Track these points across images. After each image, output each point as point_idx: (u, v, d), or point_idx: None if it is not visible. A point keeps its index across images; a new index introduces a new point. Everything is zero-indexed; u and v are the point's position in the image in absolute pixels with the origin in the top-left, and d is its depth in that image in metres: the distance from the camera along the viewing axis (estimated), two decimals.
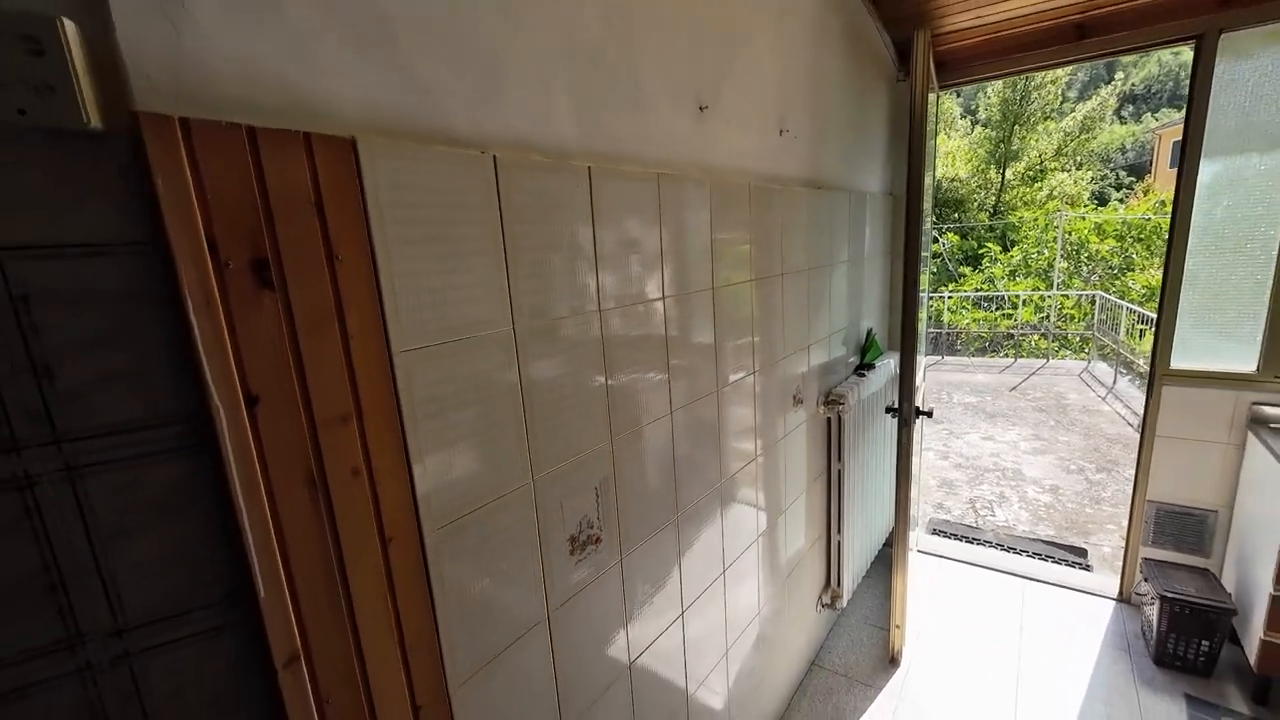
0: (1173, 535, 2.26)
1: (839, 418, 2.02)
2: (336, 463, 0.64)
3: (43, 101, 0.44)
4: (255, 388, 0.57)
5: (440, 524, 0.76)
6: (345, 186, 0.63)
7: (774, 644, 1.84)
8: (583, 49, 0.94)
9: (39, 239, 0.47)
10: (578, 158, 0.95)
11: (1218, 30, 1.91)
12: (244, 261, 0.55)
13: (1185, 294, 2.12)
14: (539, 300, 0.88)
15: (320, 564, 0.63)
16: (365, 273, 0.65)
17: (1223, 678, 1.98)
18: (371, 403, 0.67)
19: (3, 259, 0.46)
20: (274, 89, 0.58)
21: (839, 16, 1.87)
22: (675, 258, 1.19)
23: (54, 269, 0.48)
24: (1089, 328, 8.69)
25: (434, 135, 0.74)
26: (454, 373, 0.76)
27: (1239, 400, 2.08)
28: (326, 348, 0.62)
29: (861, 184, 2.26)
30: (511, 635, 0.89)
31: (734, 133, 1.38)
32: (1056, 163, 17.18)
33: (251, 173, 0.55)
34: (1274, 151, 1.92)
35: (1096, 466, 4.29)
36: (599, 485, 1.04)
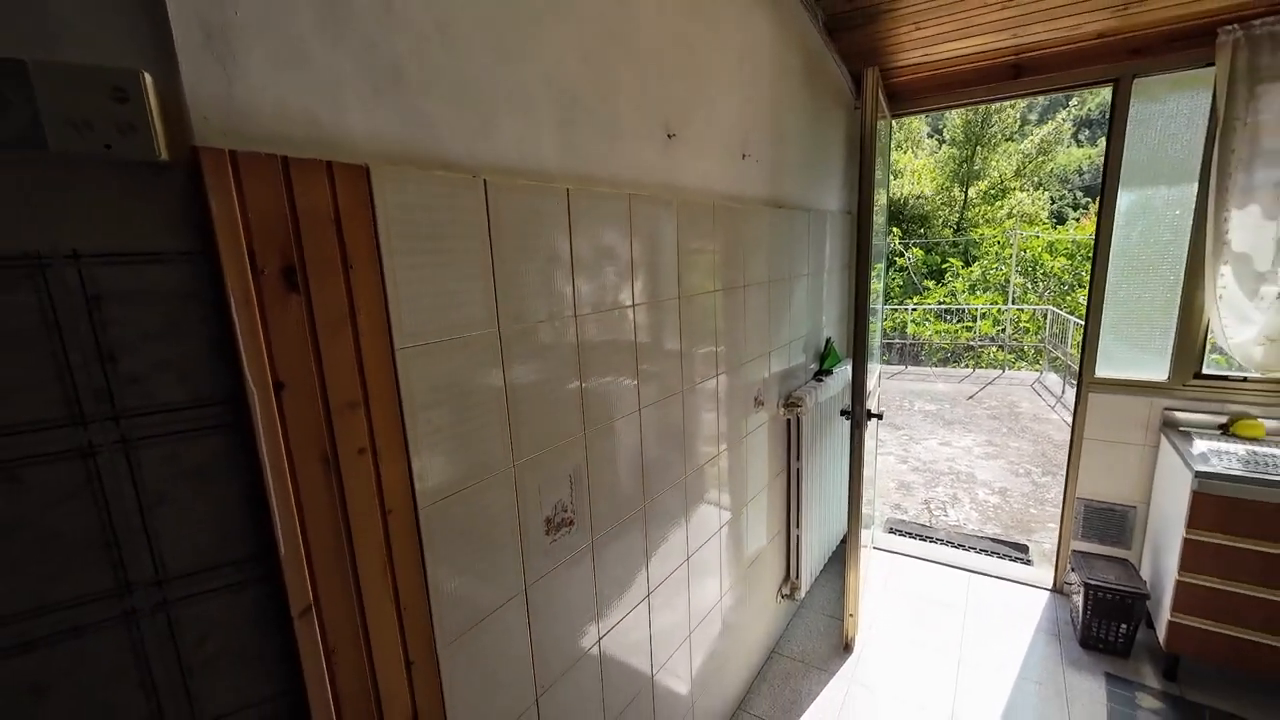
0: (1098, 529, 2.47)
1: (798, 419, 2.17)
2: (346, 443, 0.74)
3: (125, 138, 0.54)
4: (282, 376, 0.67)
5: (432, 500, 0.87)
6: (359, 206, 0.74)
7: (736, 631, 1.97)
8: (564, 86, 1.07)
9: (112, 249, 0.57)
10: (558, 180, 1.07)
11: (1131, 75, 2.15)
12: (276, 269, 0.66)
13: (1108, 310, 2.35)
14: (522, 305, 1.00)
15: (331, 530, 0.73)
16: (374, 279, 0.76)
17: (1139, 657, 2.19)
18: (377, 392, 0.77)
19: (84, 265, 0.56)
20: (304, 124, 0.69)
21: (800, 53, 2.04)
22: (645, 269, 1.32)
23: (121, 274, 0.58)
24: (1042, 341, 9.14)
25: (434, 162, 0.85)
26: (446, 368, 0.87)
27: (1153, 406, 2.30)
28: (341, 343, 0.73)
29: (821, 203, 2.43)
30: (493, 604, 0.99)
31: (699, 157, 1.52)
32: (1016, 182, 17.96)
33: (284, 195, 0.66)
34: (1179, 184, 2.15)
35: (1042, 470, 4.56)
36: (572, 473, 1.15)
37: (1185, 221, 2.16)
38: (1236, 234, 2.03)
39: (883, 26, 2.14)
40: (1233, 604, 1.87)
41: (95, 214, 0.56)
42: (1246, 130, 1.96)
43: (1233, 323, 2.08)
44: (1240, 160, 1.98)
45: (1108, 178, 2.25)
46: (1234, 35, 1.92)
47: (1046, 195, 18.76)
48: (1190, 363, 2.23)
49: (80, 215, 0.56)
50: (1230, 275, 2.06)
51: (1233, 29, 1.92)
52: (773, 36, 1.84)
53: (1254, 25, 1.89)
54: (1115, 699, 2.00)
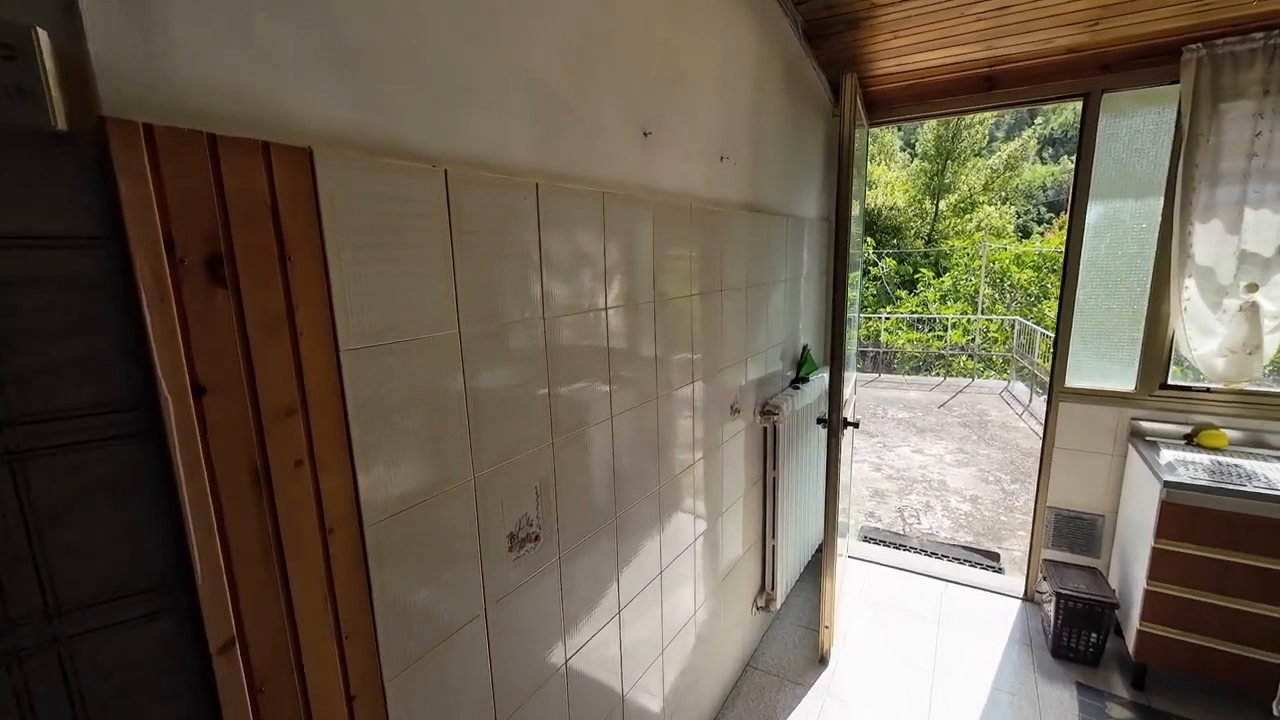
0: (1068, 538, 2.49)
1: (774, 427, 2.14)
2: (280, 454, 0.67)
3: (12, 102, 0.47)
4: (204, 379, 0.59)
5: (381, 516, 0.80)
6: (300, 193, 0.67)
7: (710, 644, 1.91)
8: (539, 80, 1.01)
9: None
10: (528, 175, 1.01)
11: (1100, 90, 2.18)
12: (199, 259, 0.58)
13: (1077, 321, 2.38)
14: (486, 306, 0.93)
15: (260, 552, 0.66)
16: (316, 274, 0.69)
17: (1108, 666, 2.20)
18: (318, 397, 0.70)
19: None
20: (241, 102, 0.62)
21: (779, 58, 2.02)
22: (619, 271, 1.26)
23: (11, 258, 0.50)
24: (1009, 350, 9.37)
25: (393, 150, 0.79)
26: (400, 371, 0.80)
27: (1121, 415, 2.33)
28: (276, 343, 0.65)
29: (799, 209, 2.42)
30: (448, 629, 0.92)
31: (677, 158, 1.47)
32: (984, 196, 18.48)
33: (211, 177, 0.59)
34: (1145, 198, 2.20)
35: (1011, 478, 4.63)
36: (539, 485, 1.09)
37: (1151, 235, 2.20)
38: (1200, 248, 2.07)
39: (861, 34, 2.13)
40: (1198, 613, 1.89)
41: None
42: (1210, 147, 2.00)
43: (1196, 334, 2.12)
44: (1204, 176, 2.03)
45: (1078, 190, 2.28)
46: (1198, 54, 1.97)
47: (1013, 209, 19.34)
48: (1156, 373, 2.27)
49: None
50: (1194, 288, 2.10)
51: (1197, 48, 1.97)
52: (754, 41, 1.82)
53: (1216, 45, 1.94)
54: (1086, 709, 2.00)
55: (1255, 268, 2.01)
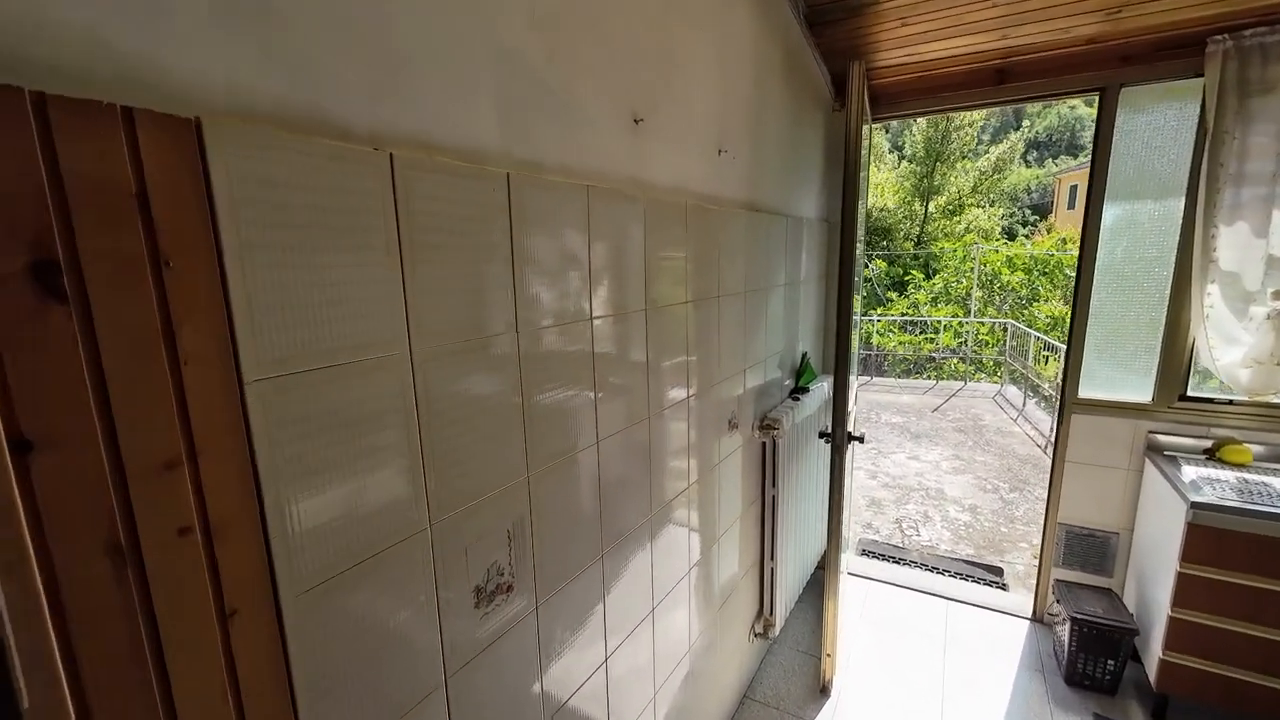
0: (1080, 556, 2.37)
1: (774, 442, 1.99)
2: (155, 521, 0.50)
3: None
4: (29, 430, 0.43)
5: (306, 587, 0.63)
6: (182, 177, 0.51)
7: (706, 679, 1.76)
8: (506, 52, 0.86)
9: None
10: (497, 163, 0.86)
11: (1119, 84, 2.06)
12: (20, 265, 0.42)
13: (1091, 328, 2.25)
14: (444, 319, 0.78)
15: (125, 654, 0.49)
16: (208, 283, 0.53)
17: (1126, 695, 2.08)
18: (212, 443, 0.54)
19: None
20: (89, 51, 0.46)
21: (779, 46, 1.88)
22: (606, 275, 1.11)
23: None
24: (1001, 353, 9.32)
25: (321, 127, 0.62)
26: (330, 403, 0.64)
27: (1137, 429, 2.21)
28: (147, 375, 0.49)
29: (798, 209, 2.28)
30: (400, 707, 0.76)
31: (671, 149, 1.32)
32: (973, 199, 18.52)
33: (35, 152, 0.42)
34: (1165, 199, 2.08)
35: (1010, 486, 4.53)
36: (512, 527, 0.93)
37: (1172, 238, 2.08)
38: (1224, 252, 1.95)
39: (867, 21, 2.00)
40: (1227, 642, 1.77)
41: None
42: (1235, 145, 1.89)
43: (1219, 344, 2.00)
44: (1229, 175, 1.91)
45: (1093, 191, 2.16)
46: (1224, 45, 1.85)
47: (1000, 211, 19.42)
48: (1175, 384, 2.15)
49: None
50: (1217, 294, 1.99)
51: (1223, 39, 1.85)
52: (754, 26, 1.67)
53: (1244, 36, 1.82)
54: None
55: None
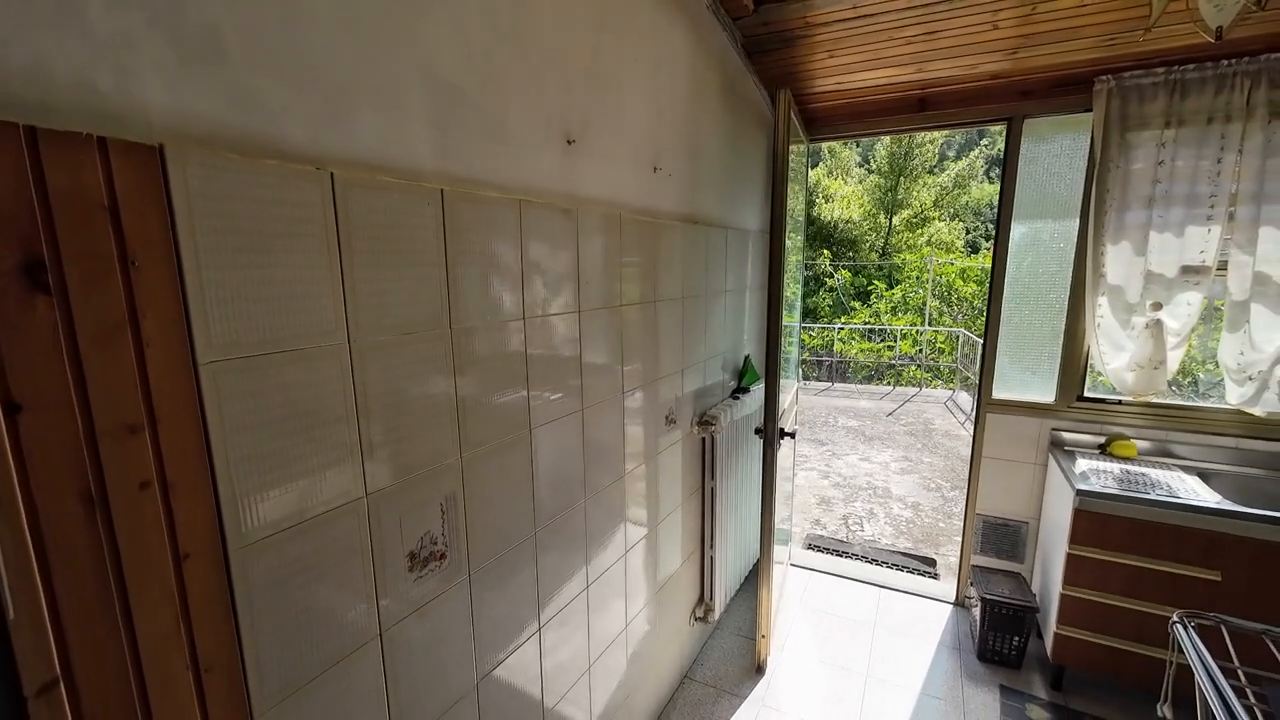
0: (995, 544, 2.58)
1: (712, 438, 2.14)
2: (120, 475, 0.61)
3: None
4: (19, 395, 0.54)
5: (251, 539, 0.74)
6: (148, 193, 0.62)
7: (645, 659, 1.89)
8: (442, 79, 0.98)
9: None
10: (432, 180, 0.98)
11: (1022, 116, 2.29)
12: (13, 264, 0.53)
13: (1003, 335, 2.47)
14: (382, 316, 0.89)
15: (93, 582, 0.60)
16: (167, 280, 0.64)
17: (1029, 668, 2.28)
18: (169, 413, 0.65)
19: None
20: (74, 92, 0.57)
21: (717, 70, 2.04)
22: (540, 279, 1.24)
23: None
24: (955, 361, 9.73)
25: (269, 150, 0.74)
26: (275, 385, 0.76)
27: (1043, 426, 2.44)
28: (114, 355, 0.60)
29: (741, 222, 2.44)
30: (335, 654, 0.87)
31: (605, 167, 1.46)
32: (935, 212, 19.22)
33: (27, 174, 0.53)
34: (1063, 219, 2.31)
35: (951, 485, 4.79)
36: (445, 501, 1.05)
37: (1069, 254, 2.31)
38: (1111, 267, 2.19)
39: (798, 52, 2.18)
40: (1110, 616, 1.98)
41: None
42: (1119, 173, 2.12)
43: (1109, 349, 2.24)
44: (1114, 200, 2.14)
45: (1003, 211, 2.38)
46: (1108, 85, 2.09)
47: (961, 226, 20.19)
48: (1074, 386, 2.38)
49: None
50: (1106, 305, 2.22)
51: (1107, 79, 2.08)
52: (689, 52, 1.83)
53: (1124, 77, 2.06)
54: (1007, 711, 2.07)
55: (1159, 287, 2.13)
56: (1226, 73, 1.94)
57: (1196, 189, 2.04)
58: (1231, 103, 1.95)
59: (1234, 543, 1.79)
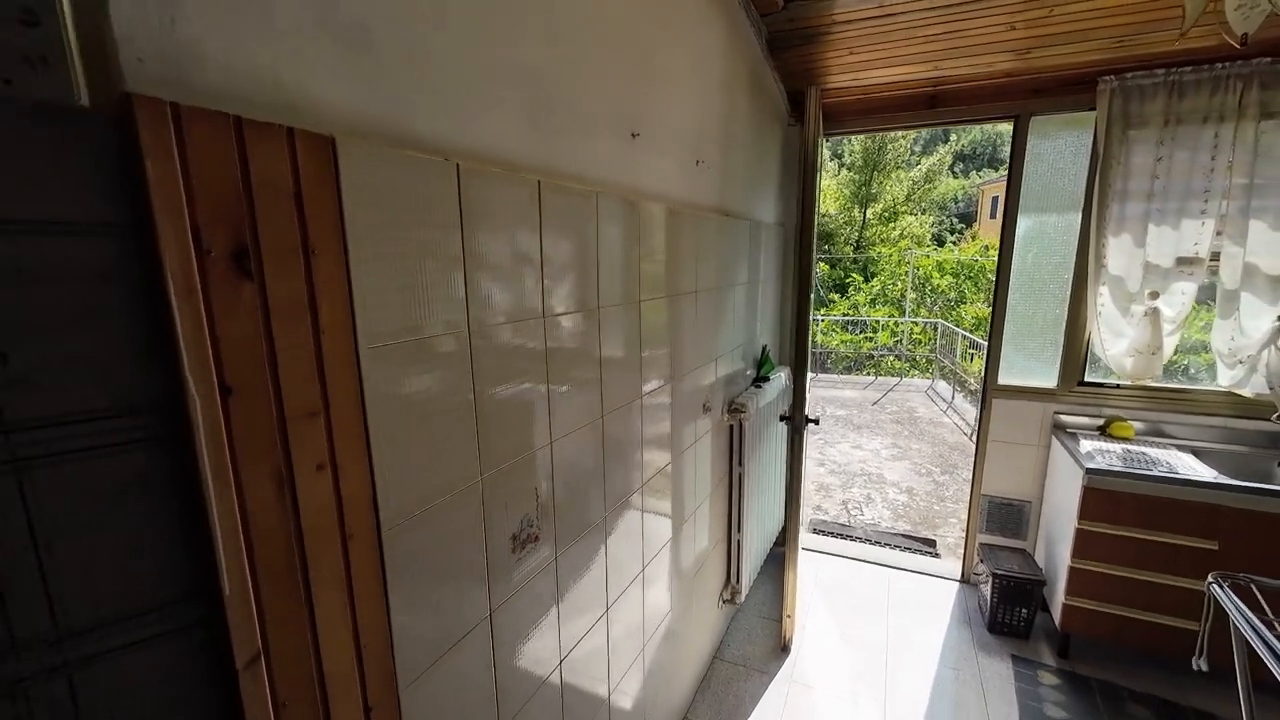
0: (999, 523, 2.71)
1: (740, 425, 2.20)
2: (303, 457, 0.63)
3: (33, 73, 0.42)
4: (230, 379, 0.56)
5: (396, 521, 0.77)
6: (323, 182, 0.64)
7: (683, 640, 1.95)
8: (532, 69, 1.00)
9: (5, 214, 0.44)
10: (526, 171, 1.00)
11: (1030, 113, 2.39)
12: (225, 250, 0.55)
13: (1008, 324, 2.59)
14: (490, 305, 0.92)
15: (284, 561, 0.62)
16: (339, 269, 0.66)
17: (1037, 638, 2.41)
18: (338, 397, 0.67)
19: None
20: (262, 83, 0.58)
21: (745, 65, 2.08)
22: (609, 271, 1.27)
23: (13, 244, 0.45)
24: (933, 351, 10.03)
25: (402, 140, 0.76)
26: (412, 371, 0.78)
27: (1045, 410, 2.56)
28: (300, 341, 0.62)
29: (759, 214, 2.50)
30: (458, 633, 0.90)
31: (659, 159, 1.49)
32: (906, 207, 19.67)
33: (236, 162, 0.55)
34: (1066, 213, 2.43)
35: (941, 470, 4.97)
36: (538, 485, 1.08)
37: (1071, 246, 2.44)
38: (1112, 258, 2.31)
39: (819, 49, 2.23)
40: (1116, 586, 2.11)
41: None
42: (1121, 168, 2.24)
43: (1109, 336, 2.37)
44: (1116, 194, 2.26)
45: (1009, 205, 2.49)
46: (1111, 85, 2.20)
47: (930, 219, 20.72)
48: (1075, 371, 2.51)
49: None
50: (1107, 295, 2.34)
51: (1110, 79, 2.19)
52: (725, 47, 1.87)
53: (1127, 78, 2.17)
54: (1021, 679, 2.19)
55: (1157, 277, 2.27)
56: (1221, 75, 2.06)
57: (1192, 184, 2.17)
58: (1225, 103, 2.08)
59: (1230, 514, 1.93)
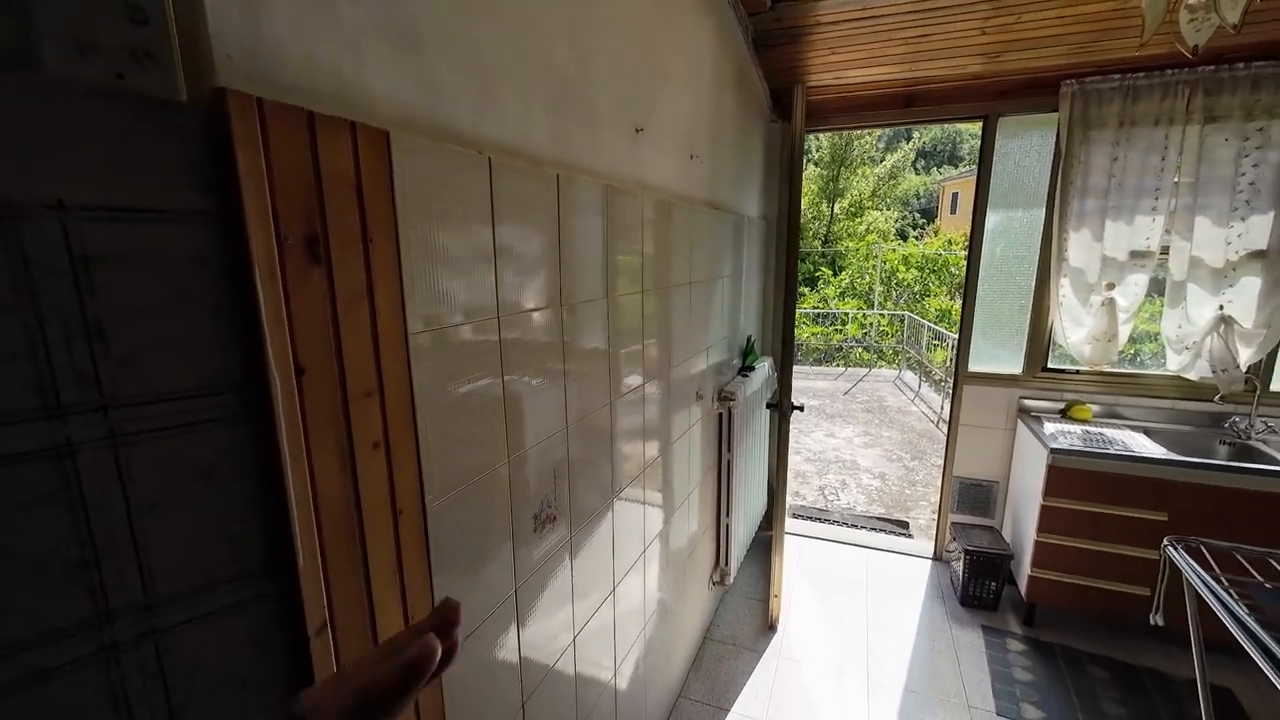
0: (969, 503, 2.86)
1: (729, 412, 2.27)
2: (362, 435, 0.66)
3: (141, 68, 0.45)
4: (303, 360, 0.59)
5: (438, 498, 0.80)
6: (379, 174, 0.67)
7: (677, 620, 2.02)
8: (553, 65, 1.04)
9: (109, 201, 0.47)
10: (547, 165, 1.04)
11: (998, 114, 2.52)
12: (299, 237, 0.57)
13: (977, 314, 2.73)
14: (516, 295, 0.95)
15: (346, 534, 0.65)
16: (392, 255, 0.69)
17: (1005, 609, 2.57)
18: (391, 380, 0.70)
19: (71, 218, 0.45)
20: (330, 79, 0.61)
21: (733, 62, 2.14)
22: (618, 262, 1.31)
23: (119, 232, 0.48)
24: (899, 342, 10.35)
25: (444, 135, 0.79)
26: (451, 355, 0.81)
27: (1012, 396, 2.72)
28: (359, 325, 0.65)
29: (745, 208, 2.57)
30: (489, 608, 0.94)
31: (659, 154, 1.54)
32: (872, 202, 20.16)
33: (310, 155, 0.58)
34: (1031, 208, 2.57)
35: (911, 455, 5.17)
36: (556, 468, 1.12)
37: (1035, 240, 2.58)
38: (1073, 252, 2.46)
39: (804, 48, 2.31)
40: (1078, 557, 2.27)
41: (89, 158, 0.46)
42: (1081, 167, 2.39)
43: (1069, 325, 2.52)
44: (1076, 191, 2.41)
45: (979, 201, 2.62)
46: (1072, 88, 2.34)
47: (894, 214, 21.29)
48: (1039, 358, 2.67)
49: (70, 157, 0.45)
50: (1068, 286, 2.50)
51: (1072, 83, 2.33)
52: (715, 44, 1.92)
53: (1086, 81, 2.32)
54: (991, 647, 2.33)
55: (1113, 269, 2.43)
56: (1170, 81, 2.22)
57: (1144, 182, 2.33)
58: (1174, 107, 2.23)
59: (1179, 488, 2.10)
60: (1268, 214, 2.19)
